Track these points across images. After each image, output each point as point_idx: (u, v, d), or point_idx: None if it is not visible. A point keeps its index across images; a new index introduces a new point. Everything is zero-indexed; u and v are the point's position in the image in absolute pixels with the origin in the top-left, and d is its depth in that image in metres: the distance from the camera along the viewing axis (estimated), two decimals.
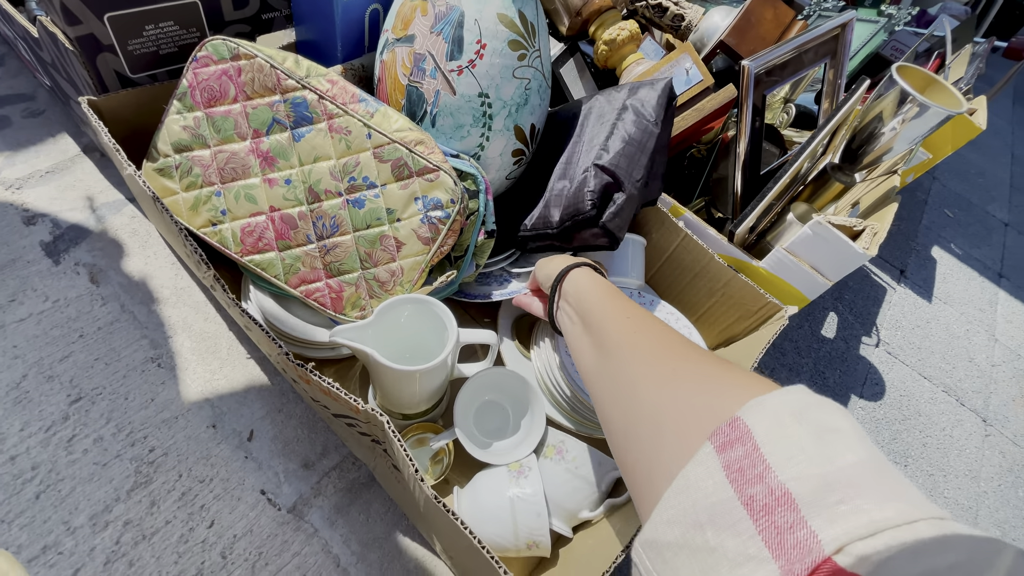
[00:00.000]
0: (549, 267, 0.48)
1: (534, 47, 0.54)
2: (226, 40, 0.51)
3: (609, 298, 0.39)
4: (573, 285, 0.43)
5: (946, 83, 0.60)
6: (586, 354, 0.37)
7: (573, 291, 0.43)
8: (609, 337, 0.35)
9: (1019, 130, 1.73)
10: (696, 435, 0.22)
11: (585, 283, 0.42)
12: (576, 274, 0.44)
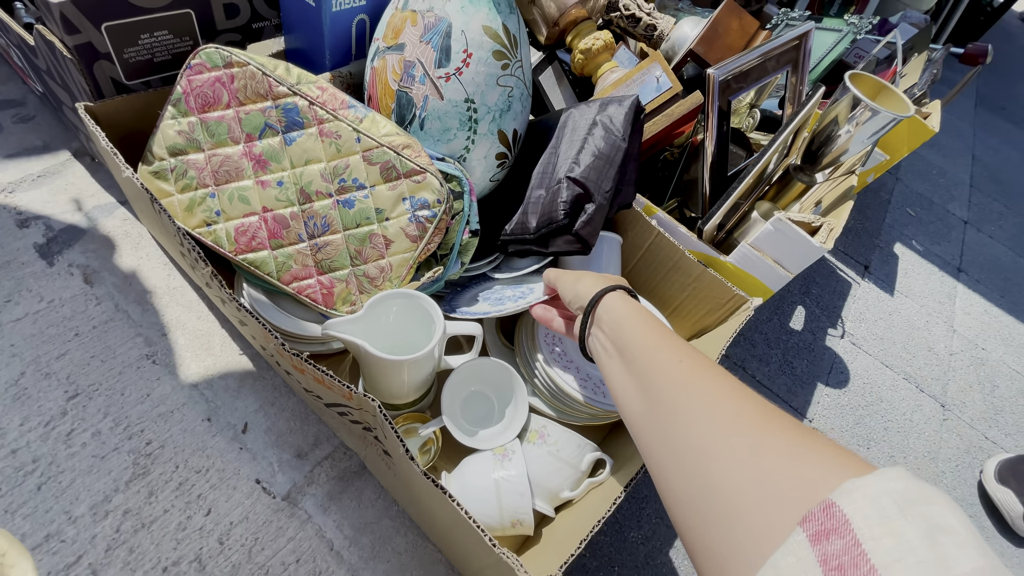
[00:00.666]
0: (578, 286, 0.45)
1: (516, 58, 0.57)
2: (219, 48, 0.53)
3: (652, 332, 0.36)
4: (608, 312, 0.40)
5: (896, 89, 0.64)
6: (630, 398, 0.34)
7: (608, 320, 0.40)
8: (660, 385, 0.32)
9: (980, 132, 1.81)
10: (782, 519, 0.20)
11: (621, 311, 0.39)
12: (611, 300, 0.41)
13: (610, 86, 0.69)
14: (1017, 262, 1.30)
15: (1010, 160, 1.72)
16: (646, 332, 0.37)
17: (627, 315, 0.39)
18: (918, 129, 0.86)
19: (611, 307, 0.41)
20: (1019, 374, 1.02)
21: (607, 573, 0.58)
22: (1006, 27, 2.95)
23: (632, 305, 0.40)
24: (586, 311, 0.42)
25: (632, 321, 0.38)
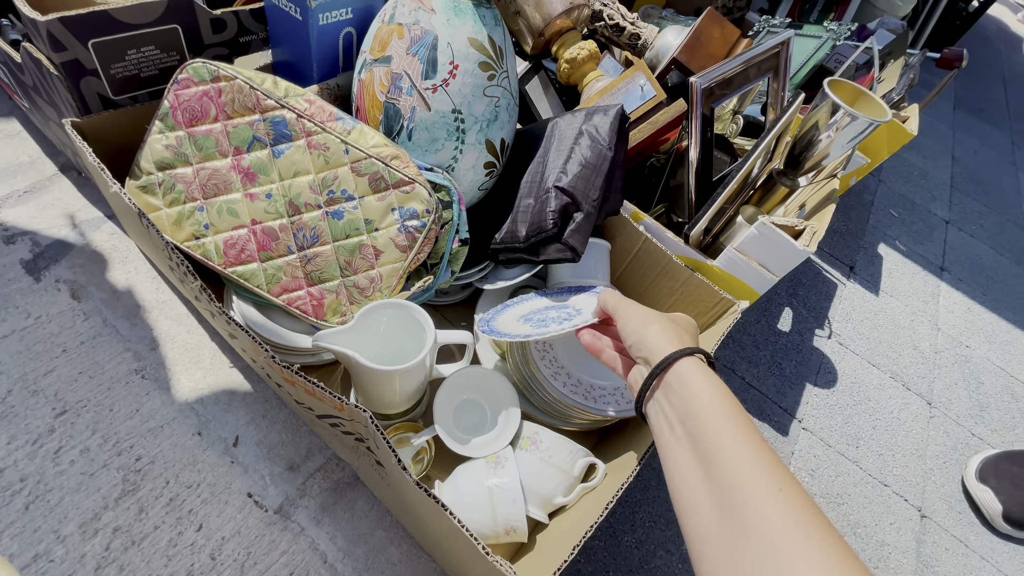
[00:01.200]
0: (645, 333, 0.39)
1: (502, 68, 0.58)
2: (206, 63, 0.53)
3: (741, 438, 0.31)
4: (683, 385, 0.35)
5: (873, 95, 0.66)
6: (698, 501, 0.30)
7: (682, 394, 0.34)
8: (750, 519, 0.27)
9: (959, 134, 1.85)
10: None
11: (700, 390, 0.34)
12: (687, 370, 0.35)
13: (595, 95, 0.70)
14: (998, 260, 1.33)
15: (989, 161, 1.76)
16: (734, 436, 0.31)
17: (707, 399, 0.33)
18: (897, 132, 0.88)
19: (687, 378, 0.35)
20: (1003, 370, 1.03)
21: None
22: (982, 31, 3.02)
23: (713, 385, 0.34)
24: (653, 372, 0.36)
25: (714, 410, 0.32)
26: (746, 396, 0.80)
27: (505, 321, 0.57)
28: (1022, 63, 2.90)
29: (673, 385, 0.35)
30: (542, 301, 0.61)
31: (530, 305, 0.60)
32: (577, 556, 0.59)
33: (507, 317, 0.58)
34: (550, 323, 0.52)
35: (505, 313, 0.59)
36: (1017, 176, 1.76)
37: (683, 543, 0.63)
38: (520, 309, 0.60)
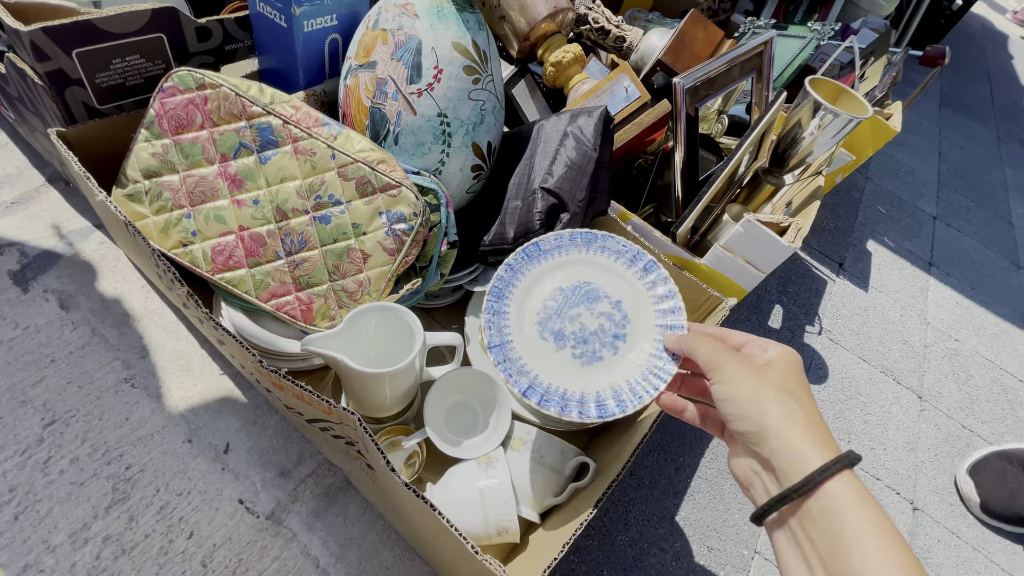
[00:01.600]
0: (764, 420, 0.29)
1: (487, 72, 0.59)
2: (191, 71, 0.54)
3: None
4: (830, 517, 0.26)
5: (854, 92, 0.67)
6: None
7: (830, 531, 0.26)
8: None
9: (946, 131, 1.87)
10: None
11: (856, 526, 0.25)
12: (837, 496, 0.26)
13: (581, 97, 0.71)
14: (986, 254, 1.34)
15: (975, 156, 1.78)
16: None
17: (868, 547, 0.24)
18: (881, 129, 0.89)
19: (837, 512, 0.26)
20: (992, 363, 1.04)
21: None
22: (967, 29, 3.05)
23: (876, 524, 0.25)
24: (787, 495, 0.27)
25: (877, 567, 0.24)
26: None
27: (524, 339, 0.43)
28: (1007, 60, 2.93)
29: (816, 516, 0.26)
30: (554, 282, 0.45)
31: (541, 294, 0.44)
32: (571, 556, 0.59)
33: (520, 325, 0.44)
34: (593, 341, 0.42)
35: (512, 315, 0.44)
36: (1003, 171, 1.78)
37: (677, 540, 0.63)
38: (531, 302, 0.44)
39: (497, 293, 0.45)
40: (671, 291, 0.43)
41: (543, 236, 0.46)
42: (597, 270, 0.45)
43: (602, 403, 0.40)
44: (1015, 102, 2.42)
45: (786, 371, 0.32)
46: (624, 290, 0.44)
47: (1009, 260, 1.36)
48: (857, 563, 0.24)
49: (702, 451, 0.72)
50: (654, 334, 0.41)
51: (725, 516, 0.67)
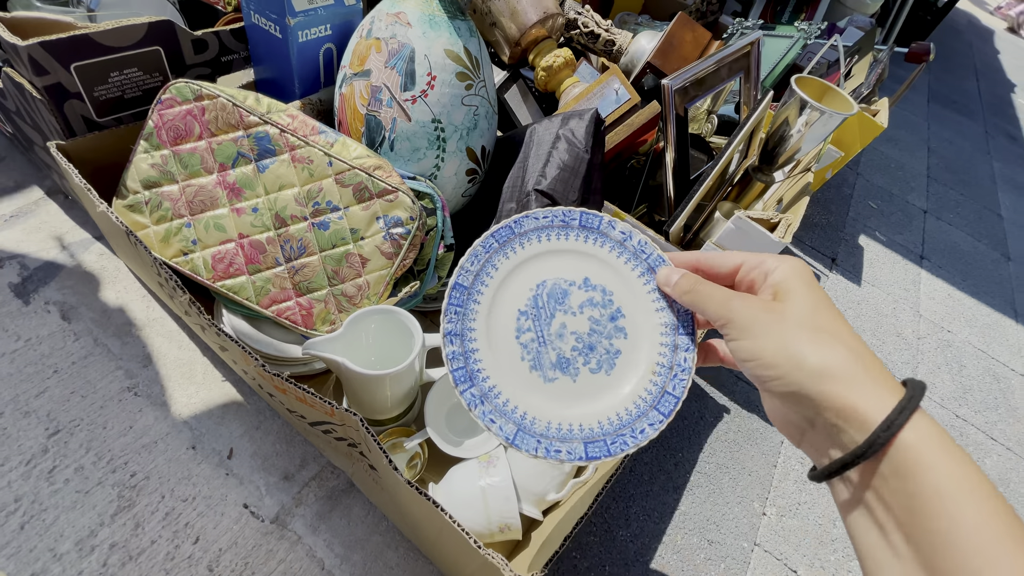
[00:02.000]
0: (802, 375, 0.24)
1: (479, 78, 0.60)
2: (189, 82, 0.54)
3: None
4: (905, 476, 0.22)
5: (840, 90, 0.68)
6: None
7: (907, 491, 0.21)
8: None
9: (934, 125, 1.90)
10: None
11: (939, 484, 0.21)
12: (913, 446, 0.22)
13: (572, 100, 0.72)
14: (976, 246, 1.36)
15: (963, 151, 1.80)
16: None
17: (959, 511, 0.20)
18: (868, 126, 0.90)
19: (914, 468, 0.21)
20: (984, 353, 1.06)
21: (598, 572, 0.59)
22: (953, 25, 3.10)
23: (964, 480, 0.21)
24: (851, 459, 0.23)
25: (973, 532, 0.20)
26: (734, 389, 0.82)
27: (498, 353, 0.34)
28: (993, 55, 2.97)
29: (887, 476, 0.22)
30: (543, 271, 0.35)
31: (527, 283, 0.35)
32: (573, 552, 0.60)
33: (494, 333, 0.35)
34: (595, 348, 0.35)
35: (481, 320, 0.35)
36: (992, 165, 1.80)
37: (677, 534, 0.64)
38: (507, 293, 0.35)
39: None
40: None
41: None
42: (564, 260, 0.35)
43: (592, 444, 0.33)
44: (1002, 96, 2.45)
45: (807, 296, 0.26)
46: (608, 276, 0.35)
47: (999, 252, 1.38)
48: (946, 524, 0.20)
49: (700, 446, 0.73)
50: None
51: (724, 510, 0.68)
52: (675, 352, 0.33)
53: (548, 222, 0.36)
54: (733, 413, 0.78)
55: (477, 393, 0.34)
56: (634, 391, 0.34)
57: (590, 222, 0.35)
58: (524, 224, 0.36)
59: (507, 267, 0.35)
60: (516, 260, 0.35)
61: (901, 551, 0.21)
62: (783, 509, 0.70)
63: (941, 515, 0.20)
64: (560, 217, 0.36)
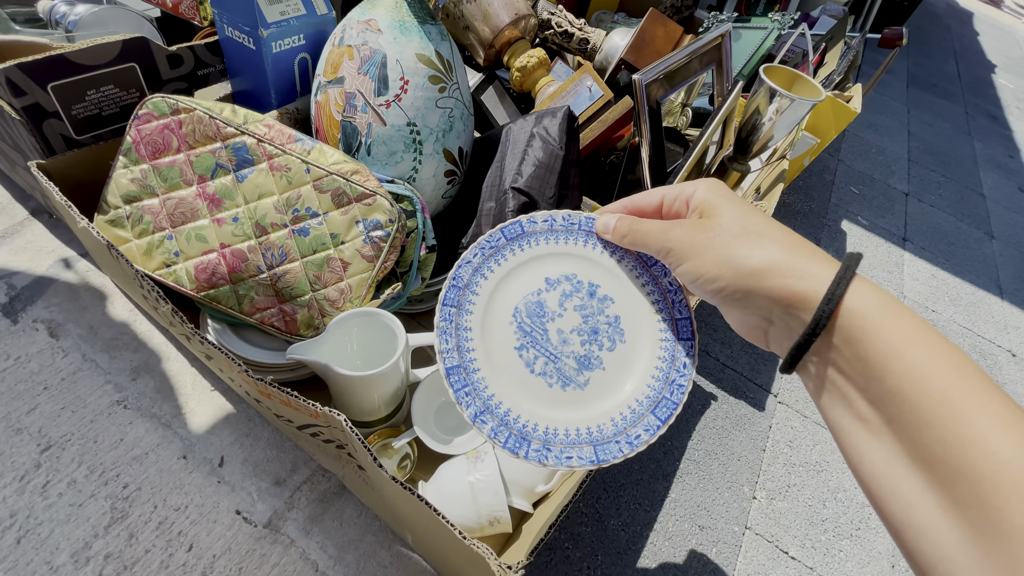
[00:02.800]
0: (749, 280, 0.25)
1: (452, 80, 0.61)
2: (165, 97, 0.55)
3: (978, 407, 0.19)
4: (853, 342, 0.22)
5: (808, 77, 0.70)
6: (925, 524, 0.20)
7: (861, 358, 0.22)
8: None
9: (914, 109, 1.92)
10: None
11: (889, 340, 0.21)
12: (857, 312, 0.22)
13: (547, 99, 0.73)
14: (958, 226, 1.37)
15: (943, 133, 1.82)
16: (972, 416, 0.19)
17: (911, 361, 0.21)
18: (842, 112, 0.92)
19: (862, 331, 0.22)
20: (969, 331, 1.07)
21: (591, 562, 0.59)
22: (932, 8, 3.13)
23: (909, 329, 0.21)
24: (803, 341, 0.23)
25: (927, 380, 0.20)
26: (721, 376, 0.83)
27: (526, 393, 0.34)
28: (972, 37, 3.00)
29: (840, 347, 0.22)
30: (511, 298, 0.35)
31: (504, 321, 0.35)
32: (566, 543, 0.60)
33: (512, 382, 0.34)
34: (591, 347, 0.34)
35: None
36: (973, 145, 1.82)
37: (668, 521, 0.65)
38: (495, 343, 0.35)
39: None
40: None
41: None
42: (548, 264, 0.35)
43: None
44: (982, 77, 2.48)
45: (729, 207, 0.27)
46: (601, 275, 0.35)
47: (982, 230, 1.40)
48: (896, 382, 0.21)
49: (689, 434, 0.74)
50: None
51: (715, 495, 0.69)
52: (666, 293, 0.34)
53: (483, 251, 0.36)
54: (720, 400, 0.79)
55: (517, 437, 0.33)
56: (651, 349, 0.34)
57: (515, 231, 0.36)
58: (461, 275, 0.35)
59: (477, 323, 0.35)
60: (479, 310, 0.35)
61: (867, 416, 0.22)
62: (773, 492, 0.71)
63: (893, 369, 0.21)
64: (491, 242, 0.36)
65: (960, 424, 0.19)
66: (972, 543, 0.18)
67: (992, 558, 0.17)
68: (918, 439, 0.20)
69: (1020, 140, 2.01)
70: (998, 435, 0.18)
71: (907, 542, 0.20)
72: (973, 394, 0.19)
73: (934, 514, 0.19)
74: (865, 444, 0.22)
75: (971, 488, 0.18)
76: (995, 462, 0.18)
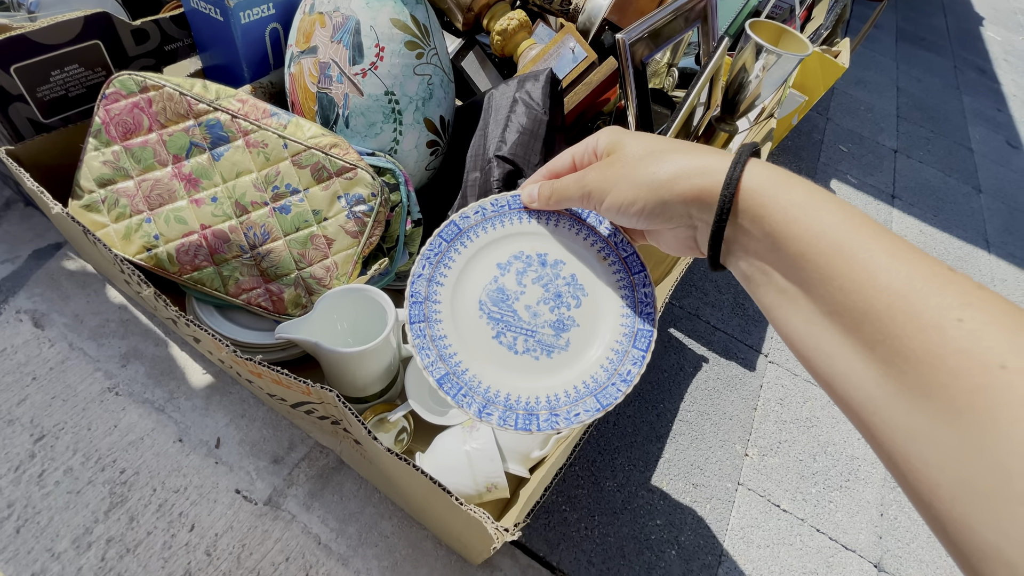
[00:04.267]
0: (650, 198, 0.27)
1: (430, 46, 0.59)
2: (132, 74, 0.53)
3: (866, 253, 0.21)
4: (755, 219, 0.24)
5: (795, 32, 0.68)
6: (846, 372, 0.21)
7: (763, 235, 0.24)
8: (928, 373, 0.18)
9: (903, 65, 1.89)
10: None
11: (783, 214, 0.23)
12: (752, 195, 0.24)
13: (530, 63, 0.71)
14: (946, 181, 1.37)
15: (932, 88, 1.81)
16: (865, 261, 0.20)
17: (806, 226, 0.22)
18: (829, 67, 0.90)
19: (761, 212, 0.23)
20: None
21: (588, 523, 0.61)
22: None
23: (801, 200, 0.23)
24: (716, 225, 0.25)
25: (823, 240, 0.21)
26: (712, 338, 0.83)
27: (511, 369, 0.35)
28: None
29: (750, 229, 0.24)
30: (472, 291, 0.36)
31: (473, 315, 0.36)
32: (563, 505, 0.62)
33: (495, 367, 0.35)
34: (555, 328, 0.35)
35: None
36: (961, 100, 1.81)
37: (662, 480, 0.66)
38: (474, 340, 0.35)
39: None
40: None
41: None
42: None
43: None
44: (970, 30, 2.45)
45: (629, 140, 0.29)
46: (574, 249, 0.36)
47: (970, 185, 1.40)
48: (797, 246, 0.22)
49: (681, 396, 0.75)
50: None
51: (708, 454, 0.70)
52: (607, 238, 0.35)
53: (430, 260, 0.36)
54: (712, 362, 0.80)
55: (525, 416, 0.34)
56: (613, 291, 0.35)
57: (452, 232, 0.37)
58: (418, 291, 0.36)
59: (450, 328, 0.36)
60: (447, 316, 0.36)
61: (784, 287, 0.24)
62: (764, 449, 0.73)
63: (793, 235, 0.22)
64: (434, 250, 0.36)
65: (855, 269, 0.20)
66: (885, 377, 0.19)
67: (902, 387, 0.19)
68: (825, 294, 0.21)
69: (1008, 93, 2.00)
70: (887, 271, 0.20)
71: (838, 393, 0.22)
72: (863, 241, 0.21)
73: (851, 360, 0.21)
74: (789, 313, 0.23)
75: (875, 326, 0.20)
76: (888, 296, 0.19)
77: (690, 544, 0.62)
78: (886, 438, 0.20)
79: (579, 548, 0.59)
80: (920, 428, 0.18)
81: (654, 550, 0.61)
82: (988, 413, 0.17)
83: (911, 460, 0.19)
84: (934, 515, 0.18)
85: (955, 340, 0.18)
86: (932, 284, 0.19)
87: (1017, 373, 0.17)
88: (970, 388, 0.17)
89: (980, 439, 0.17)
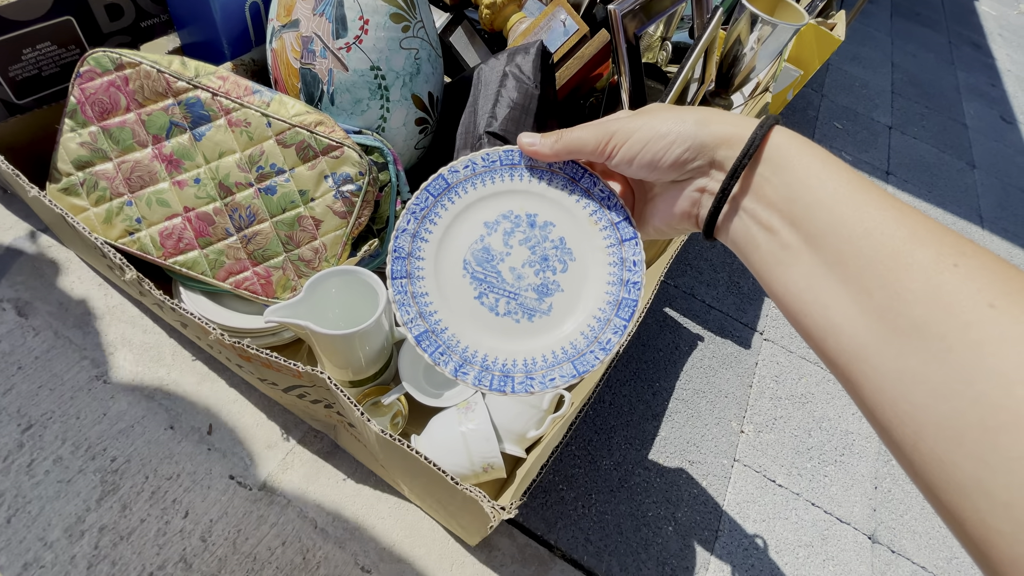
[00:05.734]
0: (667, 153, 0.27)
1: (416, 18, 0.57)
2: (107, 51, 0.51)
3: (869, 208, 0.22)
4: (782, 167, 0.25)
5: (791, 2, 0.67)
6: (840, 320, 0.22)
7: (790, 182, 0.24)
8: (921, 316, 0.19)
9: (898, 40, 1.87)
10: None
11: (806, 169, 0.24)
12: (780, 145, 0.25)
13: (520, 36, 0.69)
14: (940, 157, 1.37)
15: (927, 63, 1.79)
16: (866, 213, 0.22)
17: (822, 170, 0.24)
18: (825, 40, 0.89)
19: (789, 159, 0.24)
20: None
21: (585, 501, 0.61)
22: None
23: (824, 153, 0.24)
24: (741, 158, 0.25)
25: (836, 193, 0.23)
26: (707, 317, 0.83)
27: (493, 332, 0.34)
28: None
29: (770, 177, 0.25)
30: (458, 249, 0.34)
31: (457, 275, 0.34)
32: (560, 484, 0.62)
33: (480, 328, 0.34)
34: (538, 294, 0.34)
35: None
36: (956, 75, 1.80)
37: (659, 458, 0.66)
38: (458, 301, 0.34)
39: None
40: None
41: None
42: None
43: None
44: (965, 5, 2.42)
45: (653, 105, 0.30)
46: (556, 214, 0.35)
47: (964, 161, 1.39)
48: (813, 196, 0.23)
49: (677, 374, 0.75)
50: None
51: (703, 431, 0.70)
52: (600, 202, 0.34)
53: (415, 215, 0.34)
54: (707, 341, 0.80)
55: (500, 377, 0.33)
56: (601, 257, 0.34)
57: (440, 186, 0.34)
58: (402, 246, 0.34)
59: (432, 286, 0.34)
60: (430, 273, 0.34)
61: (789, 241, 0.24)
62: (760, 426, 0.73)
63: (811, 186, 0.24)
64: (420, 204, 0.34)
65: (864, 220, 0.22)
66: (880, 322, 0.21)
67: (896, 329, 0.20)
68: (832, 244, 0.23)
69: (1003, 68, 1.98)
70: (894, 222, 0.21)
71: (829, 345, 0.23)
72: (870, 199, 0.22)
73: (848, 309, 0.22)
74: (789, 267, 0.24)
75: (875, 271, 0.21)
76: (893, 243, 0.21)
77: (687, 520, 0.62)
78: (875, 386, 0.21)
79: (576, 526, 0.59)
80: (910, 368, 0.19)
81: (651, 527, 0.61)
82: (976, 347, 0.18)
83: (898, 404, 0.20)
84: (917, 460, 0.19)
85: (950, 282, 0.19)
86: (932, 236, 0.21)
87: (1004, 311, 0.18)
88: (961, 324, 0.18)
89: (968, 373, 0.18)
